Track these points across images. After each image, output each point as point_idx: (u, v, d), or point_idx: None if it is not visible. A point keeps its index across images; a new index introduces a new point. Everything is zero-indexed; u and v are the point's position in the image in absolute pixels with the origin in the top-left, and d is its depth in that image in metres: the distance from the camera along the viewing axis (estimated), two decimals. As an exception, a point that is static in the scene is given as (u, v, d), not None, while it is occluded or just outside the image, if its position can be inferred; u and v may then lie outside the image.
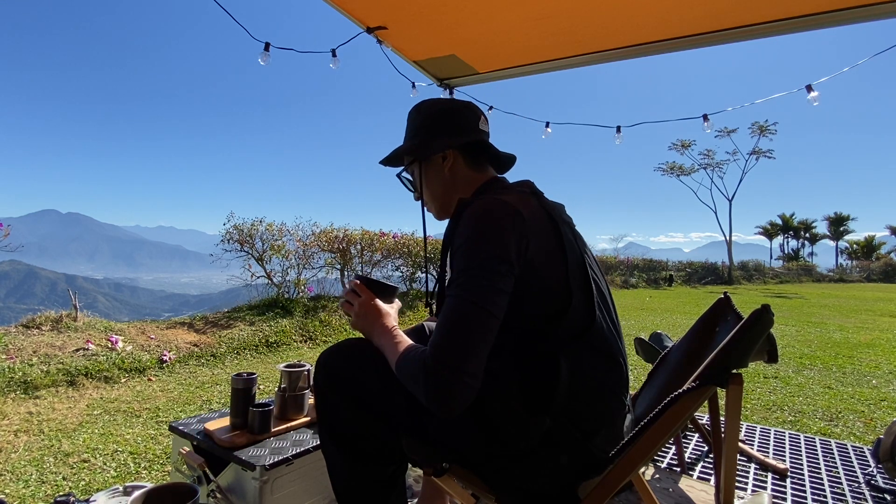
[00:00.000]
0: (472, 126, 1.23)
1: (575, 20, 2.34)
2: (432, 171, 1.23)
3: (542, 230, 1.02)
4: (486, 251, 0.95)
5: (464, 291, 0.93)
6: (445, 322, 0.93)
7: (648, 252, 34.44)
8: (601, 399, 1.03)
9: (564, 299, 0.99)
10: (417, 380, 0.93)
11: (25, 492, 1.97)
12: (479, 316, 0.91)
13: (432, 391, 0.90)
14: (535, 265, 0.98)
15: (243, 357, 4.53)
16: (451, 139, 1.20)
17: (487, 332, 0.92)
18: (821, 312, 9.54)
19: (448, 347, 0.90)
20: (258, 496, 1.38)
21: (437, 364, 0.90)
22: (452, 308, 0.93)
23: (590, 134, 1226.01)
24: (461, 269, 0.95)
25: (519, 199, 1.04)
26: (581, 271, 1.04)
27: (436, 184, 1.23)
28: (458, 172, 1.21)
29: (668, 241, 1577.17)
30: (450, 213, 1.22)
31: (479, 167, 1.22)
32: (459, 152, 1.20)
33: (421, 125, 1.24)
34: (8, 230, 4.42)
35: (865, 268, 28.87)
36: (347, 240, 7.39)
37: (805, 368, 4.44)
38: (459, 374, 0.89)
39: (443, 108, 1.23)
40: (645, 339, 2.40)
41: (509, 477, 1.03)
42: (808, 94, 2.64)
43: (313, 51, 2.99)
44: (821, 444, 2.46)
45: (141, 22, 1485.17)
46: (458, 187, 1.20)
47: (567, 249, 1.03)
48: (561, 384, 0.96)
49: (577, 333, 1.00)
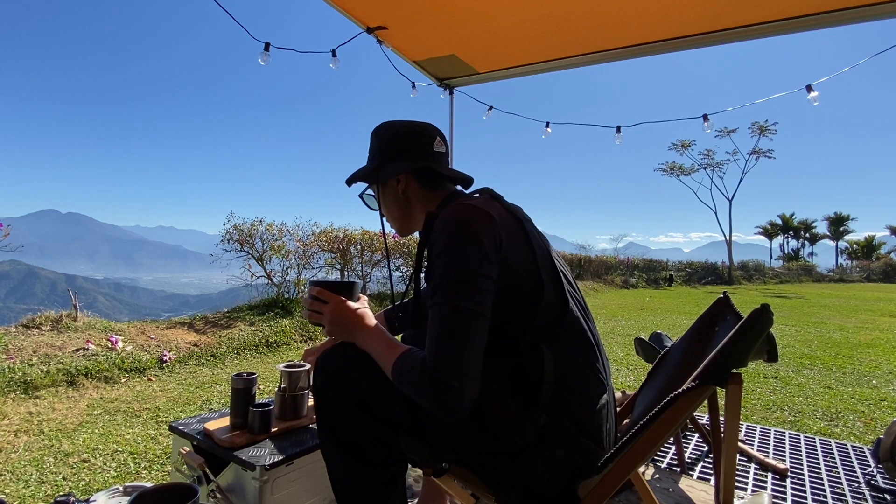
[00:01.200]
0: (425, 150, 1.24)
1: (575, 20, 2.35)
2: (388, 193, 1.26)
3: (510, 228, 1.07)
4: (465, 255, 0.98)
5: (450, 297, 0.96)
6: (440, 329, 0.95)
7: (648, 252, 34.46)
8: (583, 379, 1.06)
9: (538, 289, 1.03)
10: (421, 389, 0.94)
11: (25, 492, 1.97)
12: (469, 319, 0.95)
13: (439, 399, 0.92)
14: (509, 261, 1.02)
15: (243, 357, 4.53)
16: (403, 164, 1.22)
17: (479, 333, 0.95)
18: (821, 312, 9.54)
19: (446, 354, 0.93)
20: (258, 496, 1.38)
21: (438, 372, 0.92)
22: (443, 316, 0.96)
23: (590, 134, 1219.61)
24: (444, 276, 0.98)
25: (484, 202, 1.09)
26: (549, 262, 1.09)
27: (392, 206, 1.27)
28: (412, 195, 1.24)
29: (668, 241, 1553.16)
30: (410, 230, 1.30)
31: (435, 186, 1.24)
32: (412, 176, 1.23)
33: (377, 149, 1.26)
34: (8, 230, 4.42)
35: (865, 268, 28.88)
36: (347, 240, 7.40)
37: (805, 368, 4.45)
38: (461, 378, 0.92)
39: (397, 133, 1.25)
40: (645, 339, 2.41)
41: (508, 476, 1.03)
42: (808, 94, 2.65)
43: (313, 51, 2.99)
44: (821, 444, 2.46)
45: (141, 22, 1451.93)
46: (415, 207, 1.25)
47: (534, 244, 1.08)
48: (547, 372, 1.00)
49: (554, 320, 1.04)
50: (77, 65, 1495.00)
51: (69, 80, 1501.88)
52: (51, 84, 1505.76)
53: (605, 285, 15.58)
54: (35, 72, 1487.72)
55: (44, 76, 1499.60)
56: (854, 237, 43.45)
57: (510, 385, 1.01)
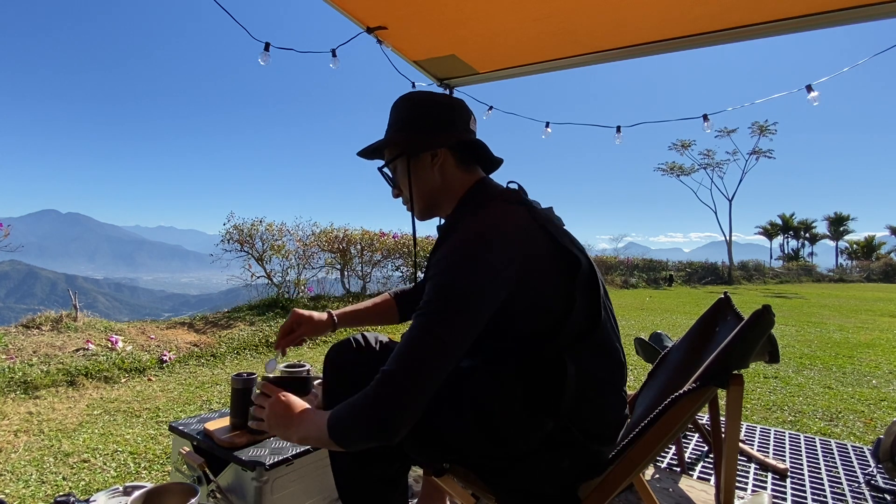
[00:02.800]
0: (465, 125, 1.16)
1: (575, 20, 2.34)
2: (420, 168, 1.13)
3: (533, 243, 0.98)
4: (469, 277, 0.91)
5: (434, 319, 0.90)
6: (408, 344, 0.90)
7: (648, 252, 34.44)
8: (604, 396, 1.03)
9: (566, 305, 0.97)
10: (364, 401, 0.90)
11: (25, 492, 1.97)
12: (439, 356, 0.89)
13: (382, 403, 0.88)
14: (527, 281, 0.95)
15: (243, 357, 4.53)
16: (446, 136, 1.12)
17: (443, 370, 0.90)
18: (821, 312, 9.54)
19: (404, 367, 0.89)
20: (258, 496, 1.38)
21: (388, 379, 0.88)
22: (420, 339, 0.90)
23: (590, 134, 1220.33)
24: (435, 295, 0.92)
25: (508, 213, 1.01)
26: (586, 274, 1.01)
27: (423, 182, 1.14)
28: (447, 172, 1.13)
29: (668, 241, 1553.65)
30: (434, 214, 1.19)
31: (468, 168, 1.15)
32: (451, 151, 1.13)
33: (410, 117, 1.14)
34: (8, 230, 4.42)
35: (865, 268, 28.87)
36: (347, 240, 7.40)
37: (805, 368, 4.44)
38: (405, 407, 0.87)
39: (438, 102, 1.15)
40: (645, 339, 2.40)
41: (510, 478, 1.03)
42: (808, 94, 2.64)
43: (313, 51, 2.99)
44: (821, 444, 2.46)
45: (141, 21, 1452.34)
46: (446, 188, 1.14)
47: (577, 253, 1.00)
48: (569, 385, 0.95)
49: (582, 334, 0.99)
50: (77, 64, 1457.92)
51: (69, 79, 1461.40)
52: (51, 84, 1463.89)
53: (606, 285, 15.59)
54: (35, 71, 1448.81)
55: (44, 76, 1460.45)
56: (854, 237, 43.47)
57: (524, 391, 0.98)
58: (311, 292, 6.77)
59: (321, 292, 6.95)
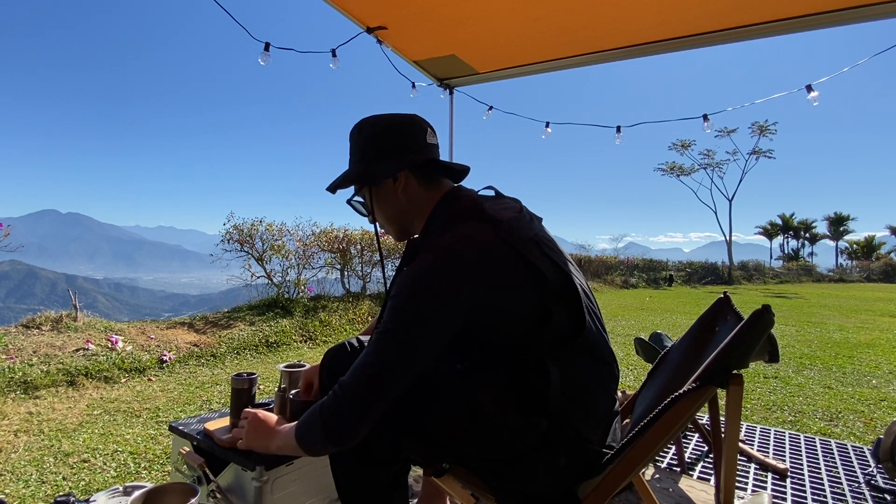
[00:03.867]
0: (421, 142, 1.14)
1: (574, 20, 2.35)
2: (383, 195, 1.14)
3: (496, 262, 0.98)
4: (429, 295, 0.95)
5: (387, 341, 0.96)
6: (363, 360, 0.98)
7: (648, 252, 34.46)
8: (593, 397, 1.04)
9: (541, 315, 0.98)
10: (321, 411, 0.99)
11: (25, 492, 1.97)
12: (393, 376, 0.95)
13: (335, 414, 0.97)
14: (491, 298, 0.97)
15: (243, 357, 4.53)
16: (401, 160, 1.11)
17: (391, 385, 0.96)
18: (821, 312, 9.54)
19: (357, 381, 0.97)
20: (258, 496, 1.38)
21: (342, 391, 0.97)
22: (370, 353, 0.97)
23: (590, 134, 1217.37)
24: (389, 317, 0.97)
25: (470, 235, 1.00)
26: (566, 285, 1.01)
27: (389, 208, 1.16)
28: (411, 193, 1.13)
29: (667, 241, 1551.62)
30: (409, 234, 1.21)
31: (433, 183, 1.14)
32: (411, 172, 1.12)
33: (365, 147, 1.14)
34: (8, 230, 4.42)
35: (865, 268, 28.87)
36: (347, 240, 7.40)
37: (805, 368, 4.44)
38: (357, 421, 0.97)
39: (387, 126, 1.14)
40: (645, 338, 2.40)
41: (509, 478, 1.03)
42: (808, 94, 2.65)
43: (313, 51, 2.99)
44: (821, 444, 2.46)
45: (140, 21, 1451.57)
46: (413, 208, 1.14)
47: (543, 270, 0.99)
48: (553, 387, 0.97)
49: (564, 340, 1.00)
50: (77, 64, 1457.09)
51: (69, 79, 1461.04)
52: (51, 84, 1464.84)
53: (605, 285, 15.58)
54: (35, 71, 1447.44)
55: (44, 76, 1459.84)
56: (854, 237, 43.45)
57: (514, 395, 0.99)
58: (311, 292, 6.77)
59: (321, 292, 6.95)
